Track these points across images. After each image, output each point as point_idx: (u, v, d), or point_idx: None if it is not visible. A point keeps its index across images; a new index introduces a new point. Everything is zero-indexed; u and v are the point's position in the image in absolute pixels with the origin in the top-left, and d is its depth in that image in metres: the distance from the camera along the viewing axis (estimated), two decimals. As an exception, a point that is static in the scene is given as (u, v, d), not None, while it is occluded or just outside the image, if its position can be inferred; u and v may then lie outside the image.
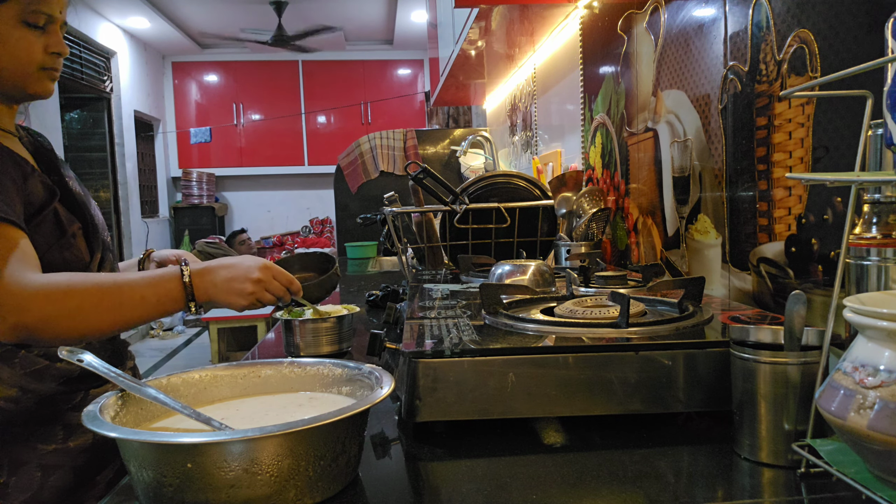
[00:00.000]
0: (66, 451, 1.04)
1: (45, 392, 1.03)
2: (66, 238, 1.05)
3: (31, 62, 1.05)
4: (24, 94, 1.08)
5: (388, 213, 1.76)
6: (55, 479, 1.02)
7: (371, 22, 7.08)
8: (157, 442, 0.63)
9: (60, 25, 1.08)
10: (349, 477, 0.70)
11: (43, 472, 1.02)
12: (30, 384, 1.01)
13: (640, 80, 1.63)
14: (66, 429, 1.05)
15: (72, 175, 1.18)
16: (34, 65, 1.05)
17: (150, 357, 5.68)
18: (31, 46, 1.04)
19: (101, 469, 1.08)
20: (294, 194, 8.26)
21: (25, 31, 1.03)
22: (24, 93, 1.08)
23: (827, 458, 0.64)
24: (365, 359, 1.10)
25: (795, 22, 1.02)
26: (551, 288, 1.28)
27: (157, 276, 0.98)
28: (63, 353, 0.77)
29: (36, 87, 1.07)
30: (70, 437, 1.05)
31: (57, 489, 1.02)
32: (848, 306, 0.58)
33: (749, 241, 1.18)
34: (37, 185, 1.03)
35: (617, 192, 1.81)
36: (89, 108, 6.28)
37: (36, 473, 1.01)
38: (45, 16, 1.04)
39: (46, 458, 1.02)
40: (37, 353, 1.02)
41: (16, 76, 1.05)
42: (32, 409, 1.02)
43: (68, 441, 1.04)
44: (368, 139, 3.94)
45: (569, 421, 0.86)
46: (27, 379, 1.01)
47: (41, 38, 1.05)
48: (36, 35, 1.04)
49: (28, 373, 1.01)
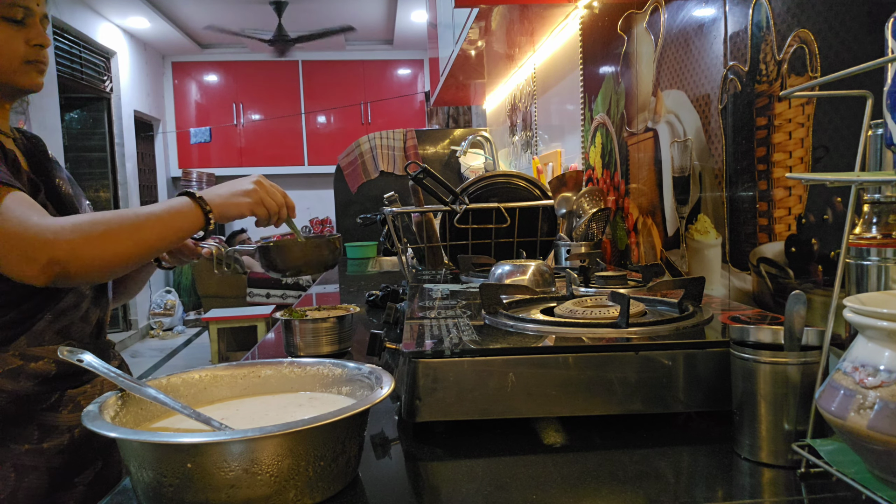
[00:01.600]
0: (41, 451, 1.03)
1: (19, 392, 1.01)
2: None
3: (14, 56, 1.05)
4: (13, 90, 1.09)
5: (388, 213, 1.76)
6: (30, 481, 1.01)
7: (371, 22, 7.08)
8: (157, 442, 0.62)
9: (41, 18, 1.09)
10: (349, 477, 0.70)
11: (17, 472, 1.00)
12: (4, 384, 1.00)
13: (640, 80, 1.63)
14: (40, 429, 1.03)
15: (65, 177, 1.18)
16: (18, 59, 1.06)
17: (150, 357, 5.68)
18: (11, 41, 1.05)
19: (79, 471, 1.07)
20: (294, 194, 8.07)
21: (4, 25, 1.04)
22: (13, 88, 1.08)
23: (827, 458, 0.64)
24: (365, 359, 1.10)
25: (795, 22, 1.02)
26: (551, 288, 1.27)
27: (170, 201, 1.03)
28: (63, 353, 0.77)
29: (24, 80, 1.08)
30: (45, 438, 1.03)
31: (32, 490, 1.01)
32: (848, 306, 0.58)
33: (749, 241, 1.18)
34: (23, 180, 1.04)
35: (617, 192, 1.81)
36: (89, 108, 6.28)
37: (10, 474, 1.00)
38: (23, 9, 1.05)
39: (21, 459, 1.01)
40: (12, 353, 1.02)
41: (2, 71, 1.05)
42: (6, 408, 1.01)
43: (43, 442, 1.03)
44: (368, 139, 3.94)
45: (569, 421, 0.86)
46: (1, 379, 1.00)
47: (21, 31, 1.06)
48: (15, 29, 1.05)
49: (2, 372, 1.00)
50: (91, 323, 1.14)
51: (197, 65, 7.93)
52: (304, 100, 7.97)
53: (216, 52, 7.87)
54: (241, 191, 1.09)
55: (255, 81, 7.92)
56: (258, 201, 1.09)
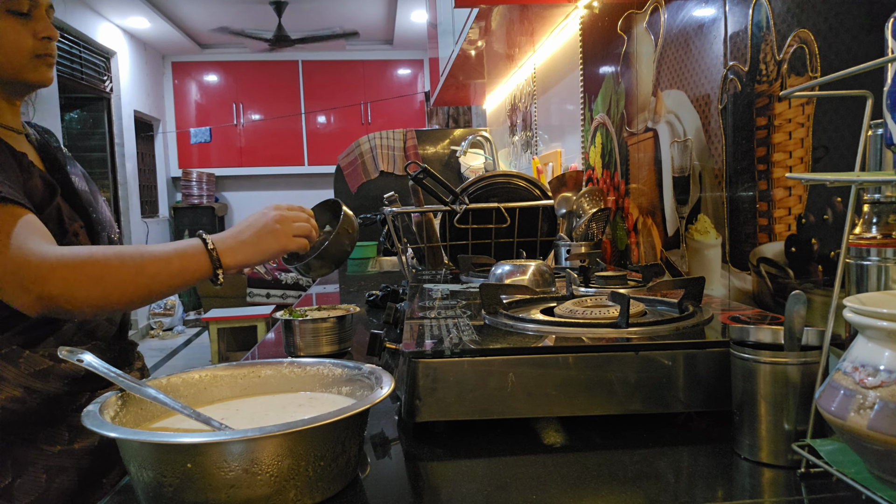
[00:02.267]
0: (72, 452, 1.03)
1: (50, 392, 1.02)
2: (67, 237, 1.04)
3: (23, 50, 1.03)
4: (23, 86, 1.07)
5: (388, 213, 1.76)
6: (60, 482, 1.01)
7: (371, 22, 7.08)
8: (157, 442, 0.62)
9: (46, 10, 1.07)
10: (349, 477, 0.70)
11: (48, 474, 1.01)
12: (34, 384, 1.01)
13: (640, 80, 1.63)
14: (71, 430, 1.04)
15: (79, 172, 1.17)
16: (26, 52, 1.04)
17: (150, 357, 5.68)
18: (18, 35, 1.03)
19: (106, 471, 1.07)
20: (294, 194, 8.25)
21: (11, 19, 1.02)
22: (23, 84, 1.06)
23: (827, 458, 0.64)
24: (365, 359, 1.10)
25: (795, 22, 1.02)
26: (551, 288, 1.27)
27: (181, 246, 0.96)
28: (63, 353, 0.77)
29: (33, 75, 1.06)
30: (76, 439, 1.04)
31: (62, 491, 1.02)
32: (848, 306, 0.58)
33: (749, 241, 1.18)
34: (37, 183, 1.02)
35: (617, 192, 1.81)
36: (89, 108, 6.28)
37: (41, 475, 1.00)
38: (29, 2, 1.03)
39: (52, 460, 1.01)
40: (41, 353, 1.02)
41: (10, 67, 1.03)
42: (38, 409, 1.01)
43: (73, 443, 1.04)
44: (368, 139, 3.94)
45: (569, 421, 0.86)
46: (31, 379, 1.00)
47: (28, 24, 1.04)
48: (22, 23, 1.03)
49: (32, 373, 1.01)
50: (116, 324, 1.14)
51: (197, 65, 7.92)
52: (304, 100, 7.97)
53: (216, 52, 7.87)
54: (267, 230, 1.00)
55: (255, 81, 7.92)
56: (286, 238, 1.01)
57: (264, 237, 1.01)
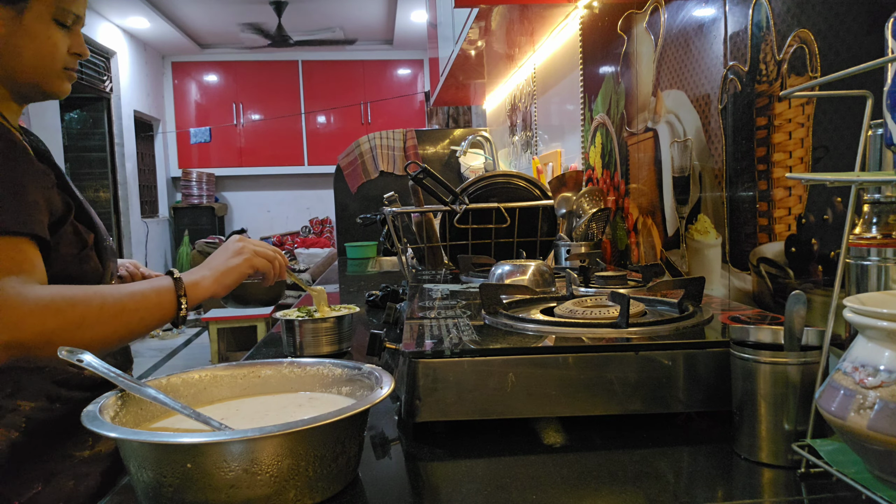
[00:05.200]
0: (97, 457, 1.04)
1: (74, 399, 1.02)
2: (85, 251, 1.04)
3: (56, 61, 1.03)
4: (39, 93, 1.06)
5: (388, 213, 1.76)
6: (86, 486, 1.02)
7: (371, 22, 7.08)
8: (157, 442, 0.62)
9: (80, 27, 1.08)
10: (349, 477, 0.70)
11: (76, 480, 1.01)
12: (58, 392, 1.01)
13: (640, 80, 1.63)
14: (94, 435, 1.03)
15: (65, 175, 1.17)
16: (58, 64, 1.04)
17: (150, 357, 5.67)
18: (56, 46, 1.03)
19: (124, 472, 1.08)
20: (294, 194, 8.26)
21: (55, 29, 1.02)
22: (40, 91, 1.06)
23: (827, 458, 0.64)
24: (365, 359, 1.10)
25: (795, 22, 1.02)
26: (551, 288, 1.27)
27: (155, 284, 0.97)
28: (63, 353, 0.77)
29: (55, 86, 1.06)
30: (98, 442, 1.05)
31: (87, 495, 1.02)
32: (848, 306, 0.58)
33: (749, 241, 1.18)
34: (56, 199, 1.01)
35: (617, 192, 1.81)
36: (89, 108, 6.28)
37: (69, 483, 1.01)
38: (74, 15, 1.03)
39: (79, 468, 1.02)
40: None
41: (38, 74, 1.03)
42: (66, 417, 1.01)
43: (97, 446, 1.05)
44: (368, 139, 3.94)
45: (569, 421, 0.86)
46: (56, 387, 1.01)
47: (66, 37, 1.04)
48: (62, 34, 1.03)
49: (55, 381, 1.01)
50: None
51: (197, 65, 7.93)
52: (303, 100, 7.97)
53: (216, 52, 7.87)
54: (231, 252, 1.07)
55: (255, 81, 7.92)
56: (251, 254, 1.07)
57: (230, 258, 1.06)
